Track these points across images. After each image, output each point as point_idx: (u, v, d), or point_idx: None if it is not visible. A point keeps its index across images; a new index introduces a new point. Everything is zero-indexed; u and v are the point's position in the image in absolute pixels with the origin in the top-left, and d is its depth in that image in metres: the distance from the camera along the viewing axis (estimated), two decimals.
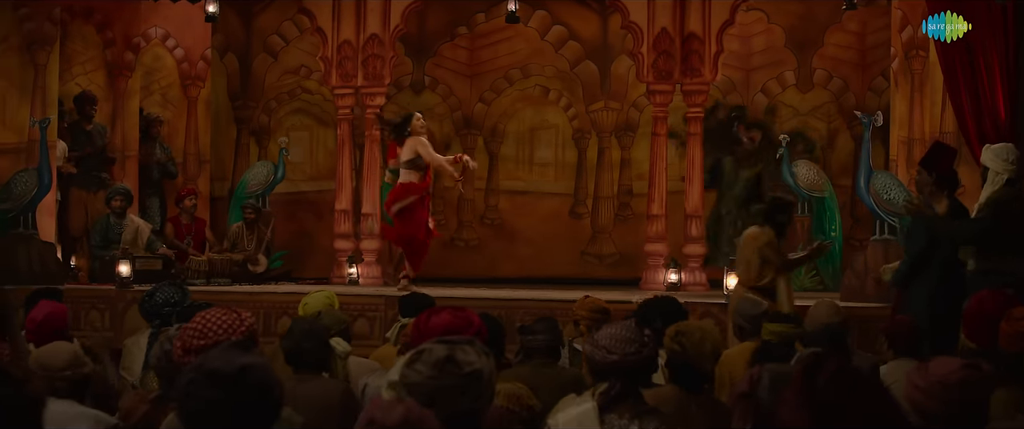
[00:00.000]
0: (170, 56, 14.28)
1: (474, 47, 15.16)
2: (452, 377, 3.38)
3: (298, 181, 15.09)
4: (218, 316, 4.10)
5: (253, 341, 4.11)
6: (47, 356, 4.91)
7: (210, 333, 4.03)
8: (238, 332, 4.04)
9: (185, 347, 4.05)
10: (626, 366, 4.60)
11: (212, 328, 4.05)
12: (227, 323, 4.06)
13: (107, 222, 12.52)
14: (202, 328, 4.06)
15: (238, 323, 4.06)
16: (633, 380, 4.64)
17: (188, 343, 4.06)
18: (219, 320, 4.08)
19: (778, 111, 14.45)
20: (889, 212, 10.48)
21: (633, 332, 4.70)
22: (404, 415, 2.97)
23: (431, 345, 3.52)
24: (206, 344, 3.98)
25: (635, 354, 4.63)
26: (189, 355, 4.01)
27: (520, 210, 15.04)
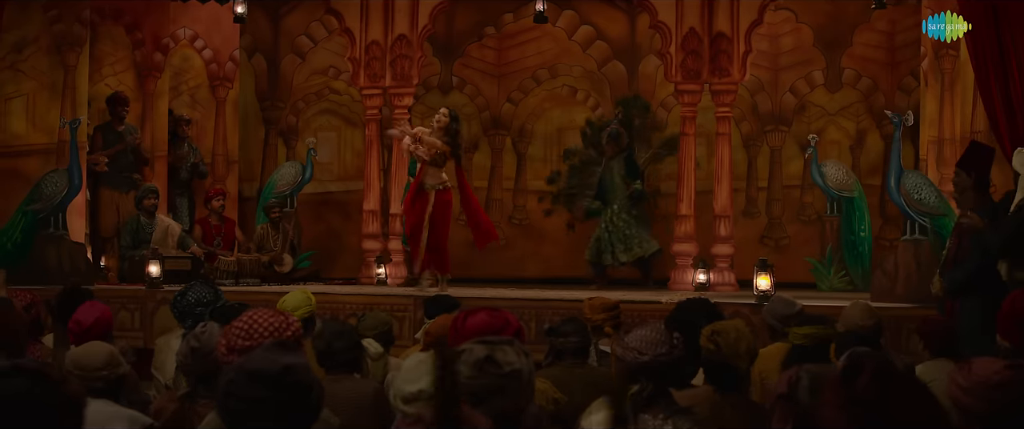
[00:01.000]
0: (199, 57, 14.33)
1: (502, 47, 15.16)
2: (492, 377, 3.39)
3: (326, 181, 15.12)
4: (265, 318, 4.07)
5: (299, 344, 4.08)
6: (83, 356, 4.92)
7: (256, 334, 3.99)
8: (285, 335, 4.02)
9: (230, 347, 4.02)
10: (657, 367, 4.59)
11: (259, 329, 4.01)
12: (274, 325, 4.03)
13: (138, 222, 12.56)
14: (249, 329, 4.03)
15: (285, 326, 4.04)
16: (664, 381, 4.64)
17: (233, 343, 4.03)
18: (266, 322, 4.05)
19: (807, 111, 14.40)
20: (920, 212, 10.42)
21: (662, 333, 4.71)
22: None
23: (471, 345, 3.53)
24: (252, 345, 3.94)
25: (665, 355, 4.63)
26: (233, 355, 3.98)
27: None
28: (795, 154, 14.45)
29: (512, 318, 4.80)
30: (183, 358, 5.18)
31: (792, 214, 14.44)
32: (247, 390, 3.13)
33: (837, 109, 14.32)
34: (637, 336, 4.67)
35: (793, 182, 14.45)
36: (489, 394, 3.35)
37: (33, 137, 12.38)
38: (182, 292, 7.02)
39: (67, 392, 2.47)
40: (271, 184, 14.29)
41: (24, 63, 12.32)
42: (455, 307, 7.99)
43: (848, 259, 13.01)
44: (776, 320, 7.33)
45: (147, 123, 13.47)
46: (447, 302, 7.87)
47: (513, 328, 4.76)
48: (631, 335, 4.71)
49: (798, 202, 14.43)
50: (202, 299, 6.82)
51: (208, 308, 6.75)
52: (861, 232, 13.06)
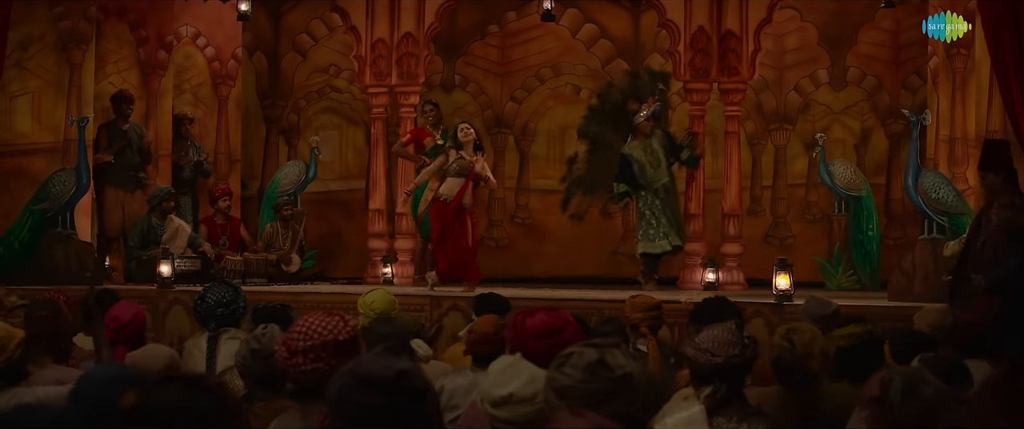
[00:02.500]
0: (201, 55, 14.22)
1: (505, 45, 15.11)
2: (603, 380, 3.33)
3: (327, 180, 15.03)
4: (322, 319, 4.02)
5: (357, 343, 4.04)
6: (144, 359, 4.85)
7: (315, 335, 3.95)
8: (343, 334, 3.98)
9: (290, 350, 3.97)
10: (730, 368, 4.56)
11: (317, 331, 3.97)
12: (331, 326, 3.99)
13: (148, 223, 12.46)
14: (306, 331, 3.99)
15: (342, 326, 3.99)
16: (738, 382, 4.60)
17: (293, 346, 3.98)
18: (323, 324, 4.01)
19: (812, 109, 14.40)
20: (938, 211, 10.42)
21: (735, 334, 4.67)
22: None
23: (579, 348, 3.46)
24: (311, 345, 3.93)
25: (738, 356, 4.60)
26: (295, 357, 3.95)
27: (551, 209, 14.90)
28: (800, 153, 14.44)
29: (571, 318, 4.75)
30: (243, 360, 5.11)
31: (797, 213, 14.44)
32: (361, 396, 3.07)
33: (842, 108, 14.32)
34: (709, 337, 4.63)
35: (798, 181, 14.45)
36: (602, 398, 3.28)
37: (39, 135, 12.27)
38: (201, 295, 6.88)
39: (226, 400, 2.41)
40: (275, 183, 14.19)
41: (29, 61, 12.21)
42: (507, 308, 7.94)
43: (856, 258, 13.00)
44: (813, 321, 7.28)
45: (151, 121, 13.35)
46: (499, 302, 7.81)
47: (573, 328, 4.71)
48: (702, 336, 4.66)
49: (803, 201, 14.43)
50: (222, 300, 6.69)
51: (229, 308, 6.66)
52: (869, 231, 13.05)
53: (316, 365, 3.89)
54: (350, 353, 3.95)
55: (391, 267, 13.16)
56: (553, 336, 4.56)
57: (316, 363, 3.90)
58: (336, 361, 3.87)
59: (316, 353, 3.90)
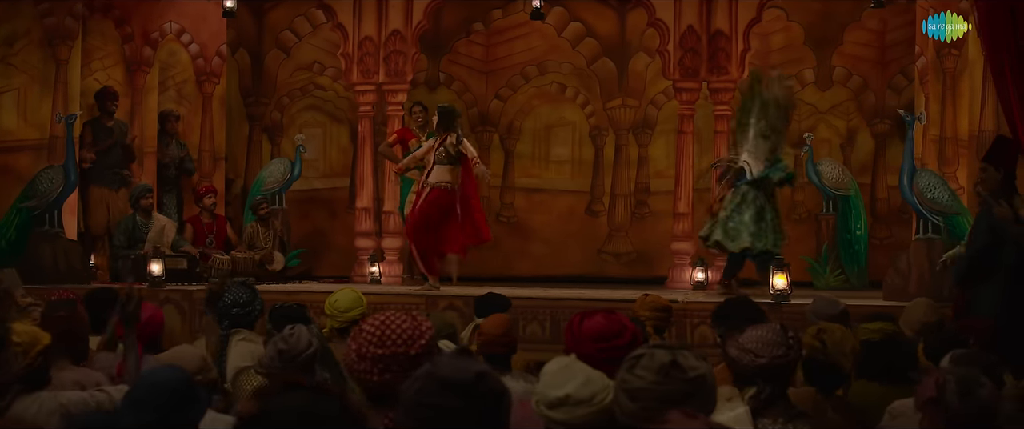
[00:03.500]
0: (185, 52, 14.08)
1: (490, 44, 15.05)
2: (677, 382, 3.30)
3: (311, 179, 14.92)
4: (398, 323, 3.79)
5: (433, 351, 3.91)
6: (175, 360, 4.76)
7: (390, 342, 3.73)
8: (418, 344, 3.80)
9: (360, 354, 3.79)
10: (774, 369, 4.53)
11: (392, 336, 3.74)
12: (409, 331, 3.77)
13: (133, 221, 12.33)
14: (381, 336, 3.76)
15: (418, 333, 3.81)
16: (782, 383, 4.58)
17: (365, 350, 3.78)
18: (399, 327, 3.79)
19: (797, 109, 14.37)
20: (933, 211, 10.44)
21: (779, 334, 4.64)
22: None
23: (650, 350, 3.43)
24: (384, 354, 3.74)
25: (783, 357, 4.57)
26: (364, 362, 3.78)
27: (536, 208, 14.95)
28: (785, 152, 14.42)
29: (628, 322, 4.70)
30: (269, 361, 5.05)
31: (783, 212, 14.38)
32: (439, 398, 3.02)
33: (828, 107, 14.35)
34: (752, 337, 4.60)
35: None
36: (676, 400, 3.24)
37: (24, 132, 12.13)
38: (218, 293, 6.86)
39: (349, 405, 2.36)
40: (259, 181, 14.09)
41: (15, 57, 12.07)
42: (507, 306, 7.90)
43: (844, 257, 13.05)
44: (820, 320, 7.28)
45: (136, 118, 13.22)
46: (499, 301, 7.76)
47: (630, 332, 4.66)
48: (745, 336, 4.63)
49: (789, 200, 14.41)
50: (238, 300, 6.65)
51: (244, 309, 6.60)
52: (857, 230, 13.11)
53: (385, 376, 3.72)
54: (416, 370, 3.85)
55: (378, 266, 13.08)
56: (609, 339, 4.50)
57: (385, 374, 3.72)
58: (405, 374, 3.73)
59: (386, 363, 3.72)
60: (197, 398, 3.63)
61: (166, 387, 3.54)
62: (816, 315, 7.39)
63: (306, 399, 2.36)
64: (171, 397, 3.53)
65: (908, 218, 13.57)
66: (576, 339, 4.49)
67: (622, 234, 14.78)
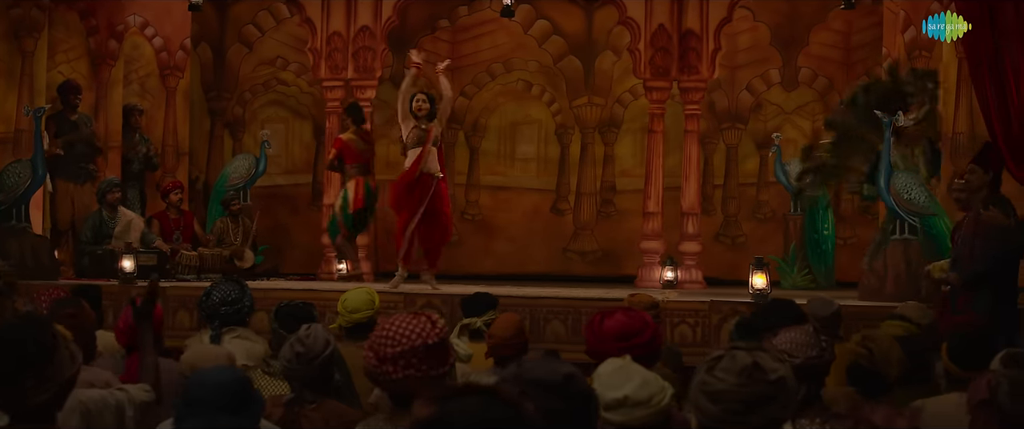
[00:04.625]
0: (149, 45, 13.88)
1: (456, 41, 14.98)
2: (760, 384, 3.26)
3: (273, 174, 14.74)
4: (408, 322, 3.83)
5: (447, 345, 3.90)
6: (200, 360, 4.67)
7: (404, 340, 3.75)
8: (432, 338, 3.82)
9: (379, 356, 3.78)
10: (808, 370, 4.52)
11: (405, 334, 3.77)
12: (420, 329, 3.80)
13: (100, 217, 12.12)
14: (394, 335, 3.79)
15: (430, 328, 3.82)
16: (817, 384, 4.57)
17: (382, 351, 3.79)
18: (410, 326, 3.82)
19: (763, 109, 14.49)
20: (910, 211, 10.49)
21: (811, 336, 4.65)
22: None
23: (729, 351, 3.40)
24: (401, 351, 3.75)
25: (817, 358, 4.58)
26: (385, 364, 3.77)
27: (501, 206, 14.91)
28: (751, 152, 14.53)
29: (649, 319, 4.69)
30: (287, 363, 4.97)
31: (748, 212, 14.52)
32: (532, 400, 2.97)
33: (793, 108, 14.44)
34: (786, 338, 4.61)
35: (749, 180, 14.54)
36: (760, 403, 3.21)
37: None
38: (207, 292, 6.71)
39: (524, 412, 2.30)
40: (223, 177, 13.92)
41: None
42: (495, 305, 7.84)
43: (811, 257, 13.11)
44: (815, 321, 7.29)
45: (101, 112, 12.99)
46: (487, 300, 7.70)
47: (651, 329, 4.64)
48: (779, 338, 4.63)
49: (754, 200, 14.51)
50: (227, 298, 6.53)
51: (233, 307, 6.49)
52: (824, 230, 13.17)
53: (407, 372, 3.73)
54: (441, 357, 3.82)
55: (346, 263, 12.97)
56: (630, 338, 4.49)
57: (407, 370, 3.73)
58: (427, 366, 3.75)
59: (406, 359, 3.73)
60: (255, 398, 3.56)
61: (227, 388, 3.47)
62: (811, 315, 7.42)
63: (483, 404, 2.31)
64: (232, 398, 3.46)
65: (871, 219, 13.71)
66: (597, 337, 4.47)
67: (587, 232, 14.77)
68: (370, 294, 6.78)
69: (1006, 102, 9.68)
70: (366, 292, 6.83)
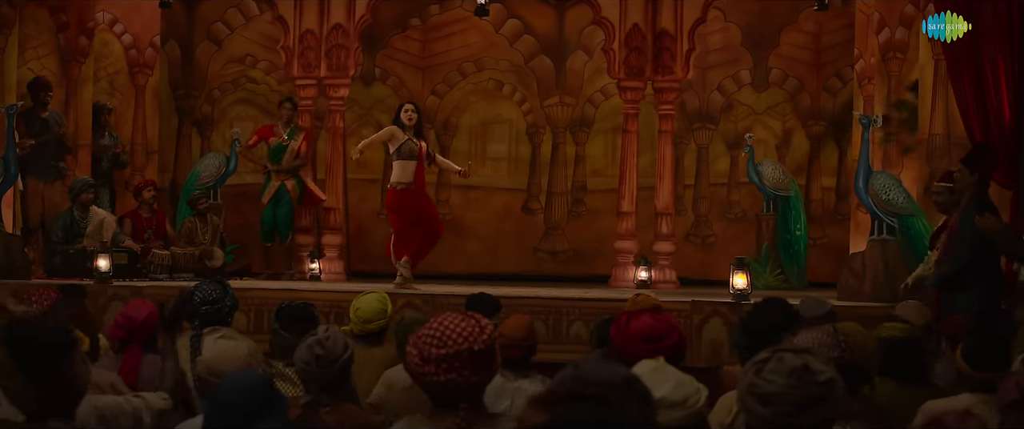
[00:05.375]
0: (118, 42, 13.74)
1: (427, 39, 14.92)
2: (810, 385, 3.25)
3: (242, 173, 14.54)
4: (456, 323, 3.75)
5: (495, 351, 3.85)
6: (221, 361, 4.62)
7: (450, 342, 3.65)
8: (481, 340, 3.76)
9: (423, 357, 3.72)
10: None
11: (452, 336, 3.69)
12: (468, 333, 3.73)
13: (71, 215, 11.98)
14: (441, 337, 3.71)
15: (478, 333, 3.75)
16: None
17: (426, 351, 3.73)
18: (458, 327, 3.74)
19: (734, 109, 14.53)
20: (888, 212, 10.57)
21: (832, 336, 4.64)
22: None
23: (776, 354, 3.38)
24: (446, 354, 3.68)
25: (838, 358, 4.56)
26: (428, 364, 3.70)
27: (471, 205, 14.86)
28: (722, 152, 14.57)
29: (674, 321, 4.68)
30: (305, 365, 4.93)
31: (719, 212, 14.55)
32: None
33: (764, 108, 14.48)
34: (807, 339, 4.60)
35: (720, 180, 14.57)
36: (810, 404, 3.20)
37: None
38: (190, 291, 6.61)
39: (635, 417, 2.27)
40: (194, 175, 13.79)
41: None
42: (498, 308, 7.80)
43: (784, 258, 13.16)
44: (808, 321, 7.30)
45: (71, 110, 12.83)
46: (491, 302, 7.65)
47: (677, 332, 4.63)
48: (799, 338, 4.63)
49: (725, 200, 14.54)
50: (207, 297, 6.42)
51: (214, 306, 6.39)
52: (797, 231, 13.23)
53: (449, 376, 3.62)
54: (488, 364, 3.77)
55: (318, 263, 12.91)
56: (658, 340, 4.48)
57: (449, 374, 3.63)
58: (470, 371, 3.70)
59: (449, 362, 3.63)
60: (281, 399, 3.51)
61: (254, 390, 3.42)
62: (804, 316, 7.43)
63: (595, 410, 2.27)
64: (260, 401, 3.41)
65: (842, 219, 13.80)
66: (625, 338, 4.46)
67: (558, 232, 14.76)
68: (382, 302, 6.74)
69: (985, 104, 9.78)
70: (378, 300, 6.80)
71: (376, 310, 6.64)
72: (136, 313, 5.89)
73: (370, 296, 6.93)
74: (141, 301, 6.09)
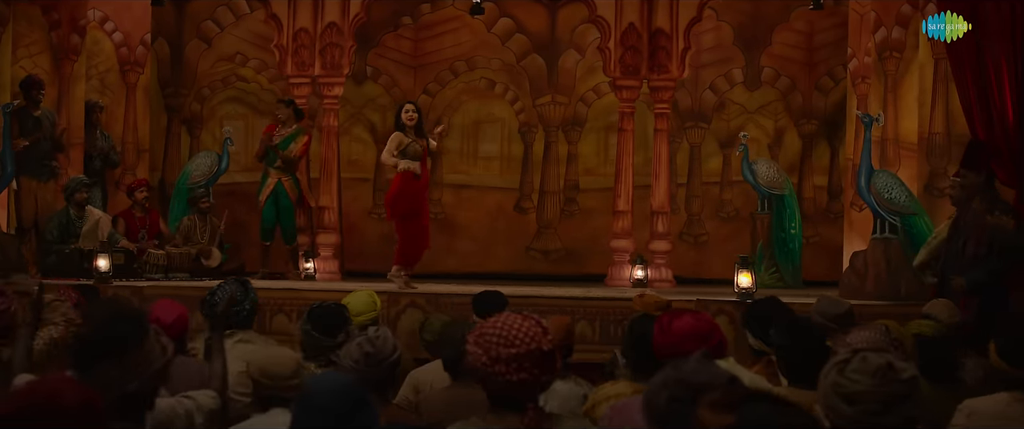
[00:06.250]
0: (109, 40, 13.63)
1: (419, 38, 14.86)
2: (895, 384, 3.27)
3: (232, 172, 14.44)
4: (522, 324, 3.75)
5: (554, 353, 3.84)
6: (272, 364, 4.57)
7: (518, 342, 3.68)
8: (548, 339, 3.77)
9: (493, 357, 3.71)
10: None
11: (519, 336, 3.70)
12: (534, 334, 3.74)
13: (67, 215, 11.88)
14: (509, 337, 3.71)
15: (543, 334, 3.75)
16: None
17: (495, 351, 3.71)
18: (524, 328, 3.75)
19: (726, 108, 14.55)
20: (891, 211, 10.60)
21: (883, 334, 4.70)
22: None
23: (858, 354, 3.39)
24: (516, 353, 3.68)
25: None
26: (498, 364, 3.70)
27: (464, 204, 14.82)
28: (714, 151, 14.59)
29: (715, 323, 4.68)
30: (354, 363, 4.90)
31: (711, 211, 14.57)
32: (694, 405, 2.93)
33: (756, 107, 14.51)
34: (861, 337, 4.66)
35: (712, 179, 14.59)
36: (896, 402, 3.22)
37: None
38: (211, 292, 6.56)
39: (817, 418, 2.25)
40: (185, 174, 13.71)
41: None
42: (505, 304, 7.78)
43: (779, 256, 13.19)
44: (826, 320, 7.30)
45: (63, 108, 12.71)
46: (498, 300, 7.63)
47: (719, 333, 4.63)
48: (853, 337, 4.69)
49: (717, 199, 14.56)
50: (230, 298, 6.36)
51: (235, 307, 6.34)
52: (791, 229, 13.27)
53: (520, 375, 3.66)
54: (553, 364, 3.77)
55: (313, 263, 12.85)
56: (706, 339, 4.47)
57: (520, 373, 3.66)
58: (539, 371, 3.70)
59: (520, 362, 3.66)
60: (370, 403, 3.48)
61: (347, 393, 3.40)
62: (821, 315, 7.41)
63: (779, 411, 2.26)
64: (354, 404, 3.39)
65: (834, 218, 13.85)
66: (667, 338, 4.44)
67: (551, 231, 14.74)
68: (371, 296, 6.85)
69: (988, 105, 9.81)
70: (367, 295, 6.91)
71: (366, 303, 6.74)
72: (165, 315, 5.82)
73: (360, 292, 7.07)
74: (170, 302, 6.02)
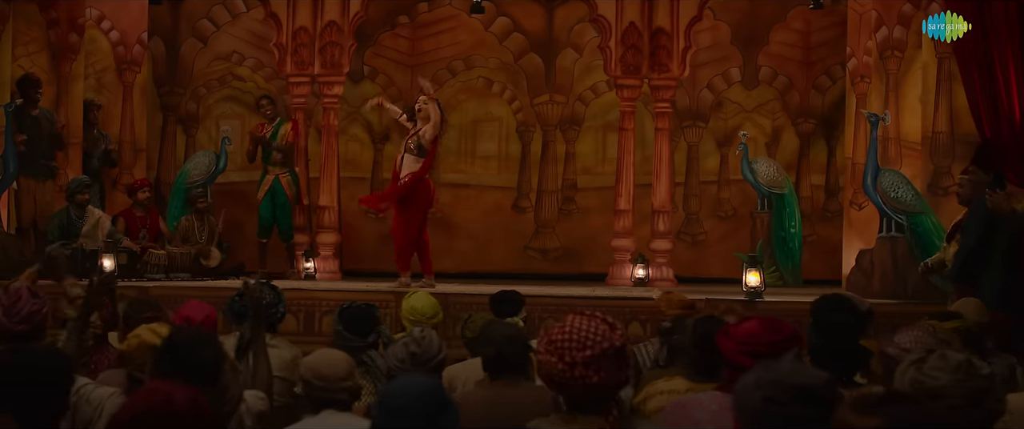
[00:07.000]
0: (105, 39, 13.58)
1: (416, 37, 14.82)
2: (975, 378, 3.28)
3: (230, 171, 14.42)
4: (593, 325, 3.71)
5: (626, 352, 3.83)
6: (324, 366, 4.54)
7: (592, 343, 3.65)
8: (617, 334, 3.74)
9: (570, 362, 3.67)
10: None
11: (592, 337, 3.66)
12: (604, 330, 3.71)
13: (68, 215, 11.81)
14: (582, 339, 3.66)
15: (612, 332, 3.73)
16: None
17: (571, 356, 3.66)
18: (597, 329, 3.71)
19: (724, 107, 14.56)
20: (897, 210, 10.63)
21: (932, 334, 4.67)
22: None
23: (939, 351, 3.39)
24: (594, 354, 3.65)
25: None
26: (577, 368, 3.66)
27: (462, 203, 14.78)
28: (712, 150, 14.60)
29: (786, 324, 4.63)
30: (399, 363, 4.89)
31: (709, 210, 14.57)
32: (792, 406, 2.92)
33: (753, 106, 14.52)
34: (908, 337, 4.63)
35: (710, 178, 14.60)
36: (978, 397, 3.23)
37: None
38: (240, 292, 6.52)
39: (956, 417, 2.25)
40: (184, 174, 13.66)
41: None
42: (522, 303, 7.78)
43: (778, 255, 13.20)
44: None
45: (61, 107, 12.66)
46: (516, 298, 7.62)
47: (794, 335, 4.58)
48: (900, 336, 4.65)
49: (715, 198, 14.57)
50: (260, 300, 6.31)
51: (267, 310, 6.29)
52: (791, 229, 13.29)
53: (601, 375, 3.62)
54: (627, 361, 3.76)
55: (313, 262, 12.81)
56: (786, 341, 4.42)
57: (600, 374, 3.62)
58: (617, 369, 3.68)
59: (598, 363, 3.63)
60: (452, 404, 3.46)
61: (430, 395, 3.36)
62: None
63: (919, 411, 2.25)
64: (436, 407, 3.36)
65: (832, 217, 13.89)
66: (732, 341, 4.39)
67: (549, 230, 14.73)
68: (430, 298, 6.74)
69: (996, 104, 9.85)
70: (426, 296, 6.85)
71: (432, 305, 6.68)
72: (195, 314, 5.78)
73: (420, 293, 6.95)
74: (198, 303, 5.97)
